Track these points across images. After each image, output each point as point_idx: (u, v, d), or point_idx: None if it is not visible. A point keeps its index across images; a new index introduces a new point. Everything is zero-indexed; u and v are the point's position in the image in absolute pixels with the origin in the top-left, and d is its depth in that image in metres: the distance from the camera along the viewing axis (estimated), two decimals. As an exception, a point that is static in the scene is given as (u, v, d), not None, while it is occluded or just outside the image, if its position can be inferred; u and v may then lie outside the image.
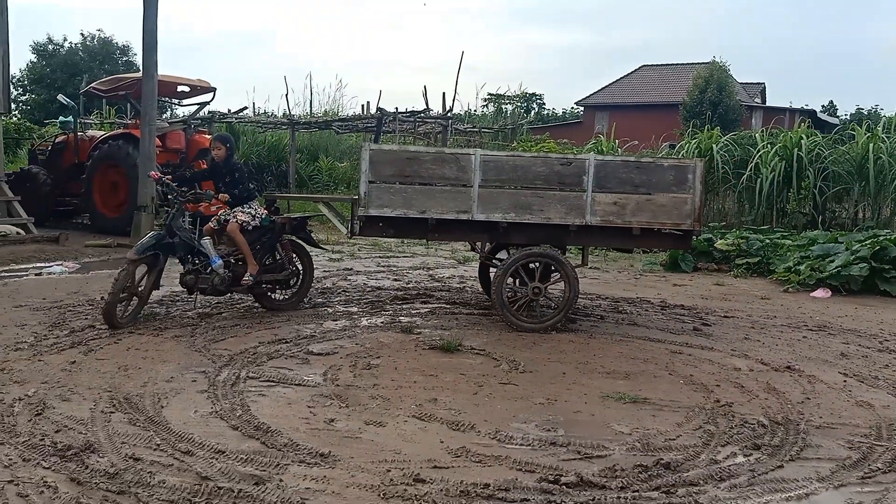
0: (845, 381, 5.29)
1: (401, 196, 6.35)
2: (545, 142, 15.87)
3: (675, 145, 18.03)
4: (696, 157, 15.17)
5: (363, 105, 21.64)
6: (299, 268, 7.10)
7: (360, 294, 7.97)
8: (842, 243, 9.93)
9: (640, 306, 7.87)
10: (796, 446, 3.96)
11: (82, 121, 15.98)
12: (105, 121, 20.19)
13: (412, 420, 4.17)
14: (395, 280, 9.04)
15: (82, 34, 39.76)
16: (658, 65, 43.00)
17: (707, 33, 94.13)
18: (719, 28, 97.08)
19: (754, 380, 5.20)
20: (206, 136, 13.71)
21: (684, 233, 6.56)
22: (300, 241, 7.14)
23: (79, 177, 13.00)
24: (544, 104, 50.39)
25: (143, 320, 6.32)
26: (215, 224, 6.61)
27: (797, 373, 5.42)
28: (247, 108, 20.76)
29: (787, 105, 36.56)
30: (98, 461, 3.42)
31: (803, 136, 14.49)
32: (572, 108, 45.82)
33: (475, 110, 28.31)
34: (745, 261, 10.60)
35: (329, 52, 73.62)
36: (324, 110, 24.30)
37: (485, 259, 7.20)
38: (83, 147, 13.34)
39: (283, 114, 21.37)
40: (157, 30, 10.90)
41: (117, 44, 39.94)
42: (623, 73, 44.01)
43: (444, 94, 24.08)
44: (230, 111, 19.56)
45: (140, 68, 11.94)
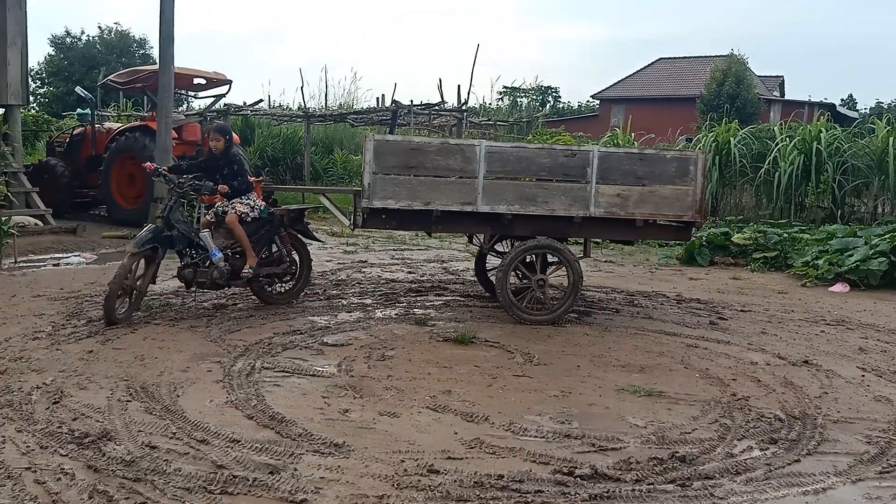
0: (863, 375, 5.23)
1: (405, 188, 6.24)
2: (561, 135, 15.79)
3: (692, 139, 17.90)
4: (713, 150, 15.09)
5: (378, 98, 21.58)
6: (297, 261, 6.95)
7: (374, 286, 7.98)
8: (860, 237, 9.82)
9: (656, 300, 7.83)
10: (813, 441, 3.92)
11: (100, 113, 16.08)
12: (122, 113, 20.33)
13: (426, 411, 4.17)
14: (410, 272, 9.04)
15: (100, 27, 40.03)
16: (675, 58, 42.63)
17: (725, 26, 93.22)
18: (738, 21, 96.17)
19: (771, 374, 5.16)
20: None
21: (685, 224, 6.64)
22: (297, 233, 6.96)
23: (96, 169, 13.09)
24: (560, 97, 50.21)
25: (159, 311, 6.36)
26: (212, 216, 6.51)
27: (815, 367, 5.37)
28: (262, 100, 20.83)
29: (805, 98, 36.25)
30: (115, 449, 3.45)
31: (822, 130, 14.33)
32: (588, 101, 45.62)
33: (490, 103, 28.26)
34: (762, 255, 10.50)
35: (345, 44, 73.66)
36: (339, 103, 24.34)
37: (488, 251, 7.10)
38: (100, 139, 13.43)
39: (299, 106, 21.42)
40: (174, 22, 10.92)
41: (134, 37, 40.15)
42: (640, 66, 43.72)
43: (458, 86, 23.92)
44: (245, 104, 19.65)
45: (156, 61, 11.99)
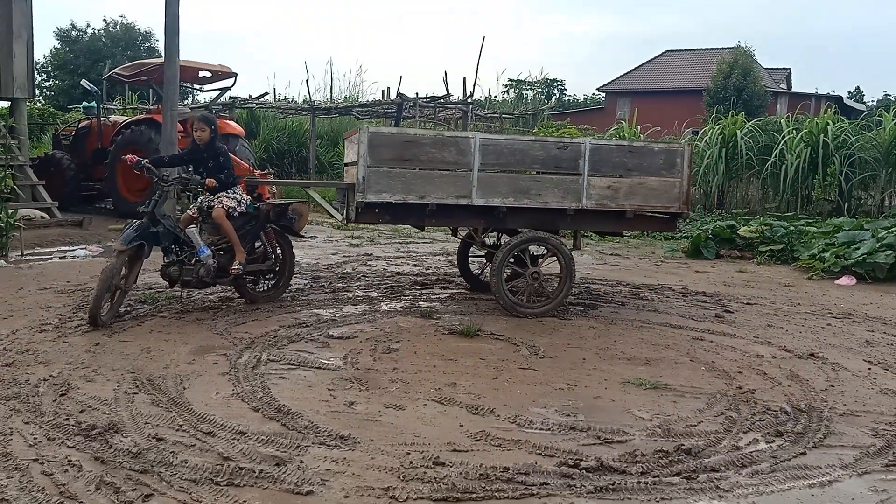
0: (870, 368, 5.22)
1: (400, 181, 6.12)
2: (566, 128, 15.74)
3: (699, 131, 17.84)
4: (719, 143, 15.04)
5: (383, 91, 21.55)
6: (281, 257, 6.73)
7: (379, 279, 7.99)
8: (867, 230, 9.79)
9: (662, 293, 7.81)
10: (819, 433, 3.91)
11: (105, 106, 16.11)
12: (127, 106, 20.35)
13: (432, 404, 4.17)
14: (415, 265, 9.04)
15: (105, 20, 40.16)
16: (681, 50, 42.46)
17: (732, 18, 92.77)
18: (744, 13, 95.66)
19: (777, 367, 5.15)
20: (228, 121, 13.76)
21: (671, 216, 6.75)
22: (281, 229, 6.69)
23: (102, 161, 13.12)
24: (565, 90, 50.04)
25: (165, 304, 6.37)
26: (195, 211, 6.27)
27: (821, 360, 5.36)
28: (267, 93, 20.86)
29: (812, 91, 36.03)
30: (122, 441, 3.46)
31: (829, 122, 14.27)
32: (594, 94, 45.47)
33: (496, 96, 28.18)
34: (768, 248, 10.48)
35: (350, 37, 73.51)
36: (344, 96, 24.33)
37: (481, 245, 7.04)
38: (106, 132, 13.45)
39: (304, 99, 21.43)
40: (179, 15, 10.91)
41: (139, 29, 40.23)
42: (646, 59, 43.54)
43: (464, 79, 23.99)
44: (251, 97, 19.65)
45: (162, 54, 11.99)
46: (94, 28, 39.84)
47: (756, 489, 3.25)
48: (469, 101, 18.62)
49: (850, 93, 51.66)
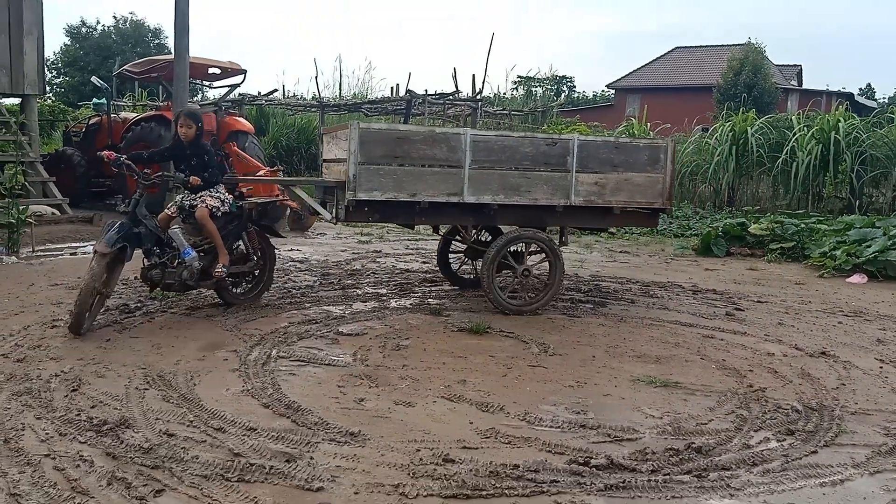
0: (881, 367, 5.18)
1: (391, 178, 5.94)
2: (576, 125, 15.70)
3: (709, 128, 17.77)
4: (730, 140, 14.98)
5: (392, 87, 21.60)
6: (262, 258, 6.45)
7: (388, 276, 7.99)
8: (879, 228, 9.73)
9: (671, 290, 7.79)
10: (831, 432, 3.89)
11: (115, 103, 16.17)
12: (137, 103, 20.41)
13: (441, 401, 4.17)
14: (424, 262, 9.04)
15: (115, 17, 40.37)
16: (692, 47, 42.29)
17: (742, 15, 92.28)
18: (755, 9, 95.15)
19: (788, 365, 5.12)
20: (238, 118, 13.79)
21: (653, 211, 6.86)
22: (261, 229, 6.47)
23: (112, 158, 13.16)
24: (574, 87, 49.98)
25: (174, 300, 6.39)
26: (174, 211, 5.92)
27: (832, 358, 5.33)
28: (277, 90, 20.86)
29: (823, 88, 35.89)
30: (133, 436, 3.48)
31: (841, 120, 14.19)
32: (603, 90, 45.35)
33: (505, 93, 28.13)
34: (779, 245, 10.42)
35: (359, 33, 73.52)
36: (353, 93, 24.34)
37: (471, 243, 7.00)
38: (116, 129, 13.50)
39: (313, 96, 21.44)
40: (188, 12, 10.94)
41: (149, 26, 40.35)
42: (655, 55, 43.39)
43: (473, 76, 23.93)
44: (260, 93, 19.68)
45: (171, 51, 12.02)
46: (104, 25, 40.06)
47: (767, 488, 3.24)
48: (478, 97, 18.60)
49: (861, 90, 51.34)
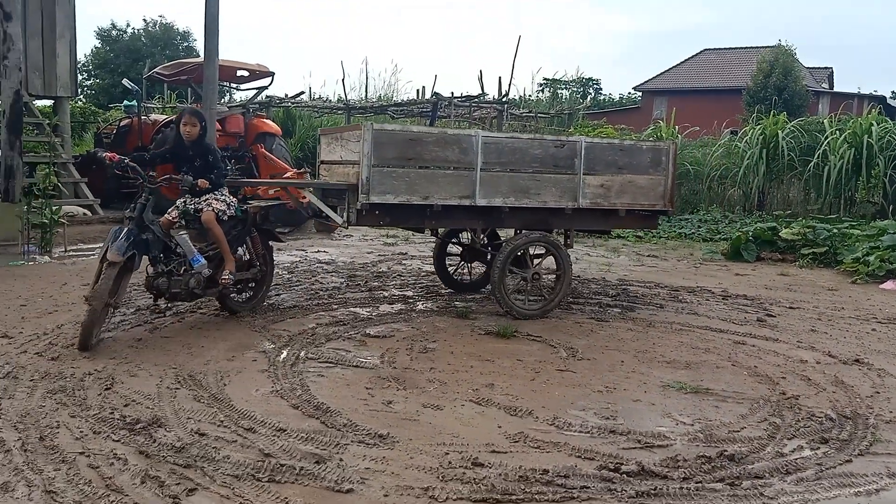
0: (918, 376, 5.08)
1: (403, 181, 5.83)
2: (603, 127, 15.61)
3: (738, 131, 17.57)
4: (760, 143, 14.80)
5: (418, 90, 21.61)
6: (264, 264, 6.17)
7: (415, 278, 8.00)
8: (914, 233, 9.54)
9: (701, 295, 7.70)
10: (865, 441, 3.82)
11: (145, 105, 16.36)
12: (166, 105, 20.66)
13: (469, 404, 4.16)
14: (450, 265, 9.01)
15: (144, 20, 40.89)
16: (720, 48, 41.87)
17: (772, 16, 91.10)
18: (785, 11, 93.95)
19: (821, 372, 5.04)
20: (265, 120, 13.90)
21: (653, 213, 6.88)
22: (262, 233, 6.16)
23: (142, 159, 13.32)
24: (601, 89, 49.55)
25: (203, 301, 6.43)
26: (176, 215, 5.56)
27: (866, 366, 5.23)
28: (303, 92, 21.00)
29: (855, 91, 35.29)
30: (165, 435, 3.51)
31: (873, 123, 13.96)
32: (630, 93, 45.01)
33: (530, 96, 28.07)
34: (811, 251, 10.26)
35: (386, 35, 73.80)
36: (379, 95, 24.44)
37: (480, 245, 6.84)
38: (146, 130, 13.66)
39: (339, 98, 21.56)
40: (218, 15, 11.04)
41: (178, 29, 40.81)
42: (683, 57, 43.01)
43: (499, 78, 23.87)
44: (287, 96, 19.81)
45: (199, 53, 12.15)
46: (133, 28, 40.57)
47: (801, 497, 3.19)
48: (504, 100, 18.57)
49: (893, 92, 50.32)
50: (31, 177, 10.36)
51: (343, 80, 28.58)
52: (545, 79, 33.99)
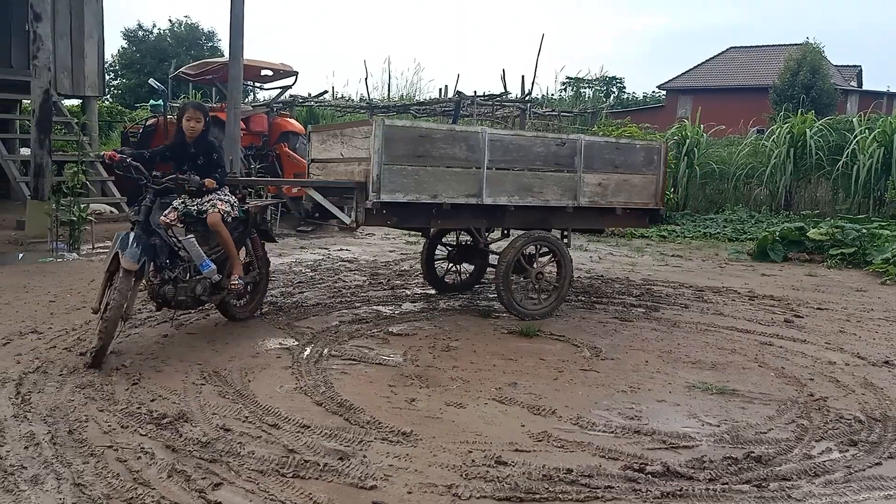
0: (950, 378, 4.99)
1: (412, 179, 5.66)
2: (627, 126, 15.51)
3: (764, 130, 17.37)
4: (787, 142, 14.62)
5: (441, 89, 21.64)
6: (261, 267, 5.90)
7: (438, 277, 7.99)
8: (945, 234, 9.37)
9: (727, 296, 7.62)
10: (895, 444, 3.75)
11: (171, 105, 16.53)
12: (192, 105, 20.82)
13: (492, 403, 4.15)
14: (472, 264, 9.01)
15: (170, 20, 41.23)
16: (747, 47, 41.38)
17: (799, 15, 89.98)
18: (812, 8, 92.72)
19: (850, 374, 4.97)
20: (289, 119, 13.98)
21: (643, 211, 6.91)
22: (260, 234, 5.92)
23: (168, 158, 13.46)
24: (624, 88, 49.18)
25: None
26: (174, 217, 5.09)
27: (896, 368, 5.15)
28: (326, 92, 21.07)
29: (884, 89, 34.67)
30: (191, 430, 3.54)
31: (904, 121, 13.73)
32: (653, 92, 44.66)
33: (553, 94, 27.96)
34: (839, 251, 10.11)
35: (409, 34, 73.93)
36: (401, 94, 24.49)
37: (484, 246, 6.69)
38: (172, 130, 13.79)
39: (361, 98, 21.63)
40: (243, 15, 11.13)
41: (203, 29, 41.19)
42: (707, 56, 42.61)
43: (522, 77, 23.84)
44: (310, 95, 19.91)
45: (224, 53, 12.25)
46: (159, 28, 41.04)
47: (829, 499, 3.14)
48: (527, 99, 18.52)
49: (924, 91, 49.49)
50: (60, 175, 10.52)
51: (366, 79, 28.78)
52: (568, 77, 33.79)
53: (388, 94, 24.38)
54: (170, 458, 3.23)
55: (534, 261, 6.45)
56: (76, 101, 16.01)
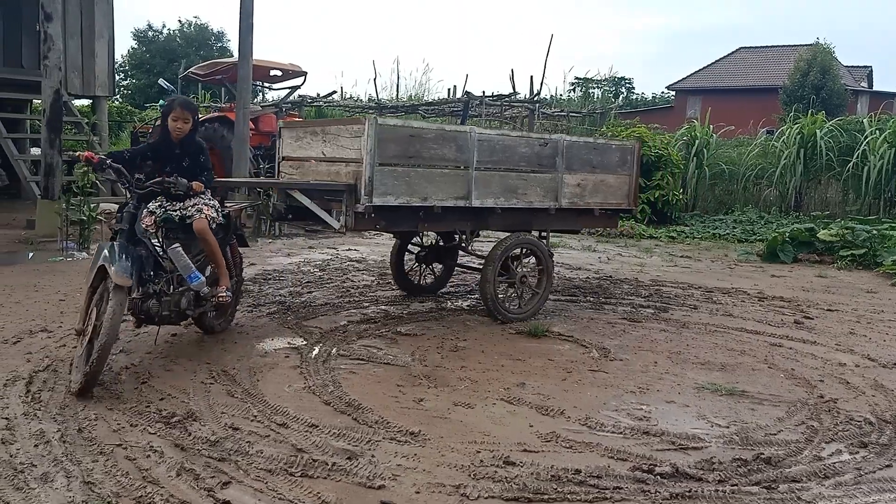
0: (961, 380, 4.95)
1: (403, 181, 5.40)
2: (636, 127, 15.45)
3: (774, 131, 17.30)
4: (797, 143, 14.57)
5: (449, 89, 21.64)
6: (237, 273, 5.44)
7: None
8: (956, 235, 9.31)
9: (736, 297, 7.59)
10: (906, 446, 3.73)
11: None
12: (200, 105, 20.94)
13: (501, 403, 4.14)
14: (481, 263, 9.00)
15: (180, 21, 41.47)
16: (756, 47, 41.24)
17: (809, 15, 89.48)
18: (822, 9, 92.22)
19: (860, 376, 4.94)
20: (298, 119, 14.01)
21: (616, 211, 6.93)
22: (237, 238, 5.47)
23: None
24: (633, 88, 49.05)
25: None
26: (151, 223, 4.54)
27: (907, 370, 5.12)
28: (335, 92, 21.10)
29: (895, 90, 34.50)
30: (200, 429, 3.55)
31: (915, 122, 13.66)
32: (663, 92, 44.54)
33: (562, 95, 27.88)
34: (849, 252, 10.06)
35: (418, 33, 74.02)
36: (409, 94, 24.49)
37: (468, 250, 6.57)
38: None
39: (370, 98, 21.64)
40: (253, 15, 11.16)
41: (212, 30, 41.36)
42: (717, 56, 42.46)
43: (531, 77, 23.85)
44: (319, 95, 19.93)
45: (234, 53, 12.30)
46: (169, 29, 41.25)
47: (840, 501, 3.12)
48: (536, 99, 18.48)
49: (936, 91, 49.21)
50: (70, 174, 10.56)
51: (374, 79, 28.76)
52: (577, 78, 33.69)
53: (397, 95, 24.38)
54: (179, 457, 3.24)
55: (517, 264, 6.37)
56: (86, 101, 16.08)
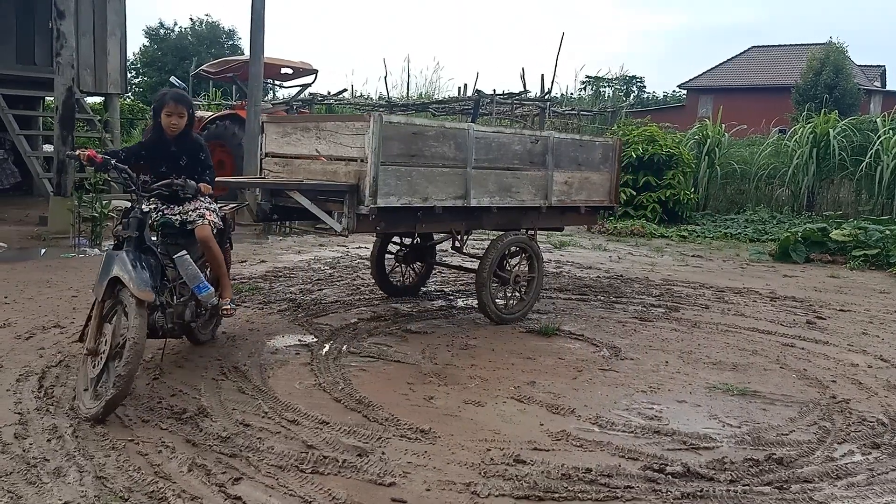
0: (976, 382, 4.91)
1: (406, 181, 5.18)
2: (647, 126, 15.39)
3: (786, 130, 17.20)
4: (810, 142, 14.48)
5: (460, 87, 21.61)
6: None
7: (455, 275, 8.00)
8: (970, 236, 9.23)
9: (748, 297, 7.55)
10: (920, 447, 3.70)
11: (193, 102, 16.67)
12: (212, 102, 21.00)
13: (511, 401, 4.14)
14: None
15: (191, 19, 41.69)
16: (769, 46, 41.00)
17: (822, 14, 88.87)
18: (835, 8, 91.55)
19: (873, 376, 4.91)
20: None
21: (593, 208, 6.90)
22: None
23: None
24: (645, 87, 48.90)
25: (248, 295, 6.52)
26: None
27: (921, 372, 5.08)
28: (346, 90, 21.13)
29: (909, 89, 34.23)
30: (211, 425, 3.56)
31: (929, 122, 13.55)
32: (674, 91, 44.38)
33: (573, 93, 27.80)
34: (862, 252, 9.99)
35: (428, 32, 73.99)
36: (420, 93, 24.48)
37: (462, 251, 6.28)
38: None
39: (380, 96, 21.64)
40: (264, 13, 11.19)
41: (224, 28, 41.51)
42: (729, 55, 42.27)
43: (542, 75, 23.77)
44: (329, 93, 19.97)
45: (245, 51, 12.33)
46: (180, 26, 41.43)
47: (852, 502, 3.11)
48: (546, 97, 18.45)
49: (950, 91, 48.78)
50: (82, 171, 10.62)
51: (385, 77, 28.69)
52: (588, 76, 33.58)
53: (408, 93, 24.38)
54: (190, 453, 3.25)
55: (511, 264, 6.30)
56: (98, 99, 16.16)
